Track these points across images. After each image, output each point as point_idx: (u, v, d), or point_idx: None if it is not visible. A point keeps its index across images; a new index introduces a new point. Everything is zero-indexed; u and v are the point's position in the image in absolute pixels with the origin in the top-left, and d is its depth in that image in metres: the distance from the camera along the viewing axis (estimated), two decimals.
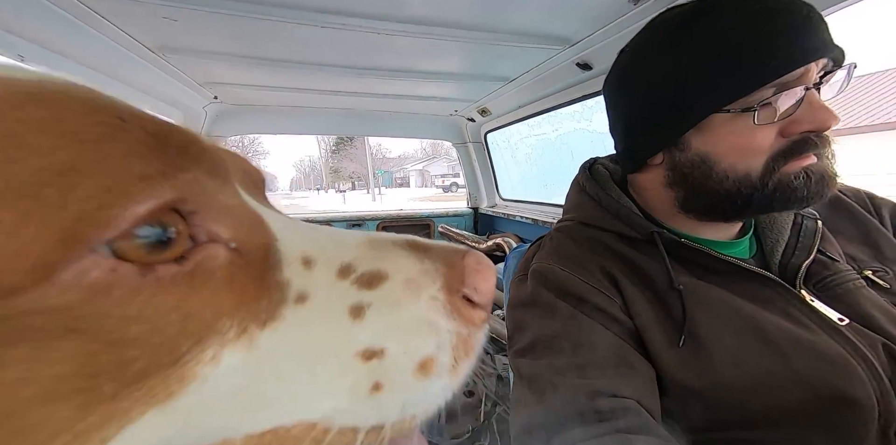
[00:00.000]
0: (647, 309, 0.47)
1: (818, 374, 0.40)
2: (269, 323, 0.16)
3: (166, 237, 0.14)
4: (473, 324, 0.20)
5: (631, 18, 0.90)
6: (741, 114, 0.42)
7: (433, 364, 0.18)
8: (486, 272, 0.21)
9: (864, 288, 0.46)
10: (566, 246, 0.55)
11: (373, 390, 0.17)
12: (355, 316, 0.18)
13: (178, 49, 1.12)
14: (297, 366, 0.16)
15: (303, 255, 0.19)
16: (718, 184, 0.46)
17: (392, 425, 0.18)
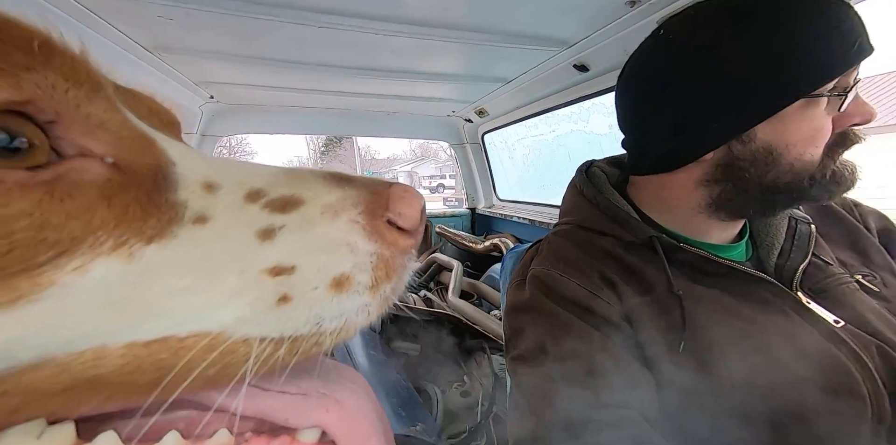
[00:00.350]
0: (645, 314, 0.47)
1: (814, 376, 0.41)
2: (158, 240, 0.17)
3: (14, 145, 0.14)
4: (397, 247, 0.20)
5: (628, 21, 0.91)
6: (815, 101, 0.42)
7: (350, 281, 0.19)
8: (411, 198, 0.21)
9: (857, 292, 0.47)
10: (564, 250, 0.54)
11: (280, 302, 0.17)
12: (264, 238, 0.18)
13: (173, 48, 1.11)
14: (192, 280, 0.17)
15: (205, 180, 0.19)
16: (779, 176, 0.45)
17: (304, 338, 0.18)
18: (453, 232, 2.20)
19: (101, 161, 0.16)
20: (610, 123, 1.50)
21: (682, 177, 0.50)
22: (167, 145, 0.19)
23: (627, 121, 0.55)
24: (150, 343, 0.16)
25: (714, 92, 0.45)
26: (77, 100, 0.15)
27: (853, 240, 0.53)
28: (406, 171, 24.44)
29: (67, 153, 0.16)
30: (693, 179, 0.49)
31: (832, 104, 0.43)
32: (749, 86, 0.43)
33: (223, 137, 1.90)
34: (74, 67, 0.16)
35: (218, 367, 0.17)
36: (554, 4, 0.88)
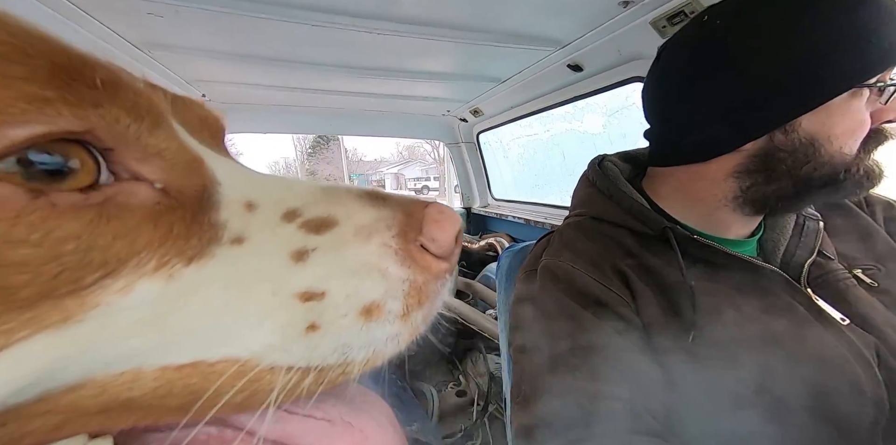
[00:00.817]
0: (656, 306, 0.46)
1: (819, 372, 0.41)
2: (197, 260, 0.17)
3: (66, 167, 0.15)
4: (430, 273, 0.20)
5: (621, 21, 0.91)
6: (859, 92, 0.41)
7: (380, 309, 0.18)
8: (446, 222, 0.20)
9: (856, 287, 0.47)
10: (577, 242, 0.53)
11: (308, 330, 0.17)
12: (297, 259, 0.18)
13: (164, 45, 1.10)
14: (225, 301, 0.17)
15: (245, 199, 0.19)
16: (817, 168, 0.44)
17: (331, 368, 0.18)
18: None
19: (152, 185, 0.17)
20: (603, 123, 1.51)
21: (713, 168, 0.49)
22: (215, 164, 0.20)
23: (658, 109, 0.54)
24: (182, 367, 0.16)
25: (764, 78, 0.43)
26: (138, 133, 0.16)
27: (859, 230, 0.53)
28: (392, 173, 24.57)
29: (122, 176, 0.16)
30: (725, 170, 0.48)
31: (872, 98, 0.42)
32: (801, 74, 0.41)
33: None
34: (137, 103, 0.17)
35: (245, 394, 0.17)
36: (548, 4, 0.88)
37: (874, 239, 0.52)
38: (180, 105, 0.23)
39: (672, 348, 0.44)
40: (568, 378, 0.42)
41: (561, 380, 0.42)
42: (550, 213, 1.79)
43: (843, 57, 0.40)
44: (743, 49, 0.44)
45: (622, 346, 0.44)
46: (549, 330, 0.46)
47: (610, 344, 0.44)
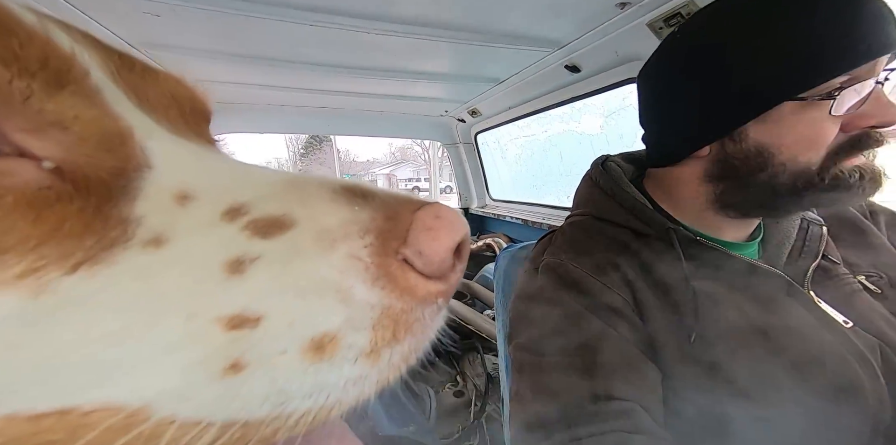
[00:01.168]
0: (657, 307, 0.47)
1: (820, 374, 0.41)
2: (88, 267, 0.12)
3: None
4: (415, 297, 0.15)
5: (618, 22, 0.92)
6: (815, 103, 0.41)
7: (335, 344, 0.14)
8: (441, 231, 0.15)
9: (861, 292, 0.47)
10: (579, 241, 0.54)
11: (228, 370, 0.13)
12: (232, 271, 0.13)
13: (160, 45, 1.09)
14: (118, 325, 0.12)
15: (179, 189, 0.15)
16: (772, 178, 0.45)
17: (261, 422, 0.13)
18: None
19: (37, 164, 0.13)
20: (601, 124, 1.52)
21: (687, 171, 0.52)
22: (154, 143, 0.15)
23: (642, 114, 0.57)
24: (41, 416, 0.12)
25: (705, 91, 0.46)
26: (26, 93, 0.12)
27: (862, 239, 0.53)
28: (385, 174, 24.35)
29: (2, 151, 0.12)
30: (697, 174, 0.51)
31: (837, 105, 0.41)
32: (736, 87, 0.44)
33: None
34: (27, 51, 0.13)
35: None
36: (545, 5, 0.88)
37: (877, 248, 0.52)
38: (145, 75, 0.19)
39: (672, 347, 0.45)
40: (567, 377, 0.42)
41: (561, 379, 0.42)
42: (548, 214, 1.80)
43: (776, 71, 0.42)
44: (693, 63, 0.47)
45: (622, 345, 0.44)
46: (549, 327, 0.47)
47: (610, 343, 0.44)
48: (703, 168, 0.50)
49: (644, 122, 0.57)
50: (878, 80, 0.41)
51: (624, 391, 0.41)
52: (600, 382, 0.41)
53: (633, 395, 0.41)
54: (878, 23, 0.40)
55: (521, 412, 0.44)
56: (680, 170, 0.53)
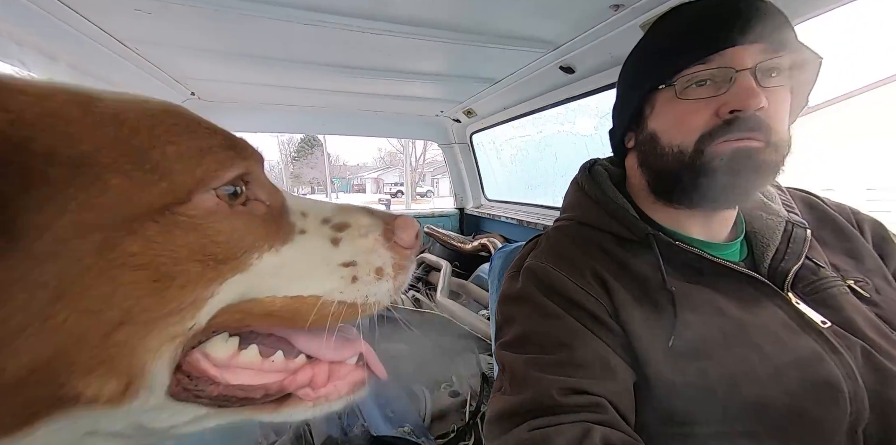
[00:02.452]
0: (636, 311, 0.48)
1: (795, 373, 0.42)
2: (287, 243, 0.31)
3: (237, 192, 0.29)
4: (403, 256, 0.35)
5: (612, 24, 0.93)
6: (672, 93, 0.49)
7: (383, 272, 0.33)
8: (408, 228, 0.36)
9: (847, 295, 0.48)
10: (561, 245, 0.56)
11: (352, 280, 0.32)
12: (335, 244, 0.33)
13: (152, 42, 1.08)
14: (306, 265, 0.31)
15: (301, 210, 0.34)
16: (662, 160, 0.51)
17: (360, 305, 0.32)
18: (442, 233, 2.20)
19: (264, 203, 0.31)
20: (595, 125, 1.53)
21: (631, 163, 0.60)
22: (282, 190, 0.34)
23: None
24: (294, 298, 0.30)
25: (619, 87, 0.59)
26: (258, 174, 0.31)
27: (848, 246, 0.55)
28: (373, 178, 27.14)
29: (251, 198, 0.30)
30: (633, 164, 0.59)
31: (696, 92, 0.48)
32: (627, 85, 0.56)
33: None
34: (256, 157, 0.31)
35: (321, 315, 0.30)
36: (540, 6, 0.89)
37: (863, 254, 0.54)
38: None
39: (651, 350, 0.46)
40: (541, 372, 0.44)
41: (535, 373, 0.44)
42: (543, 214, 1.81)
43: (648, 64, 0.53)
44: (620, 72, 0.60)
45: (596, 345, 0.46)
46: (529, 327, 0.49)
47: (584, 342, 0.46)
48: (634, 157, 0.58)
49: None
50: (737, 69, 0.45)
51: (594, 386, 0.42)
52: (573, 377, 0.43)
53: (602, 391, 0.42)
54: (725, 19, 0.46)
55: (495, 403, 0.46)
56: (627, 162, 0.61)
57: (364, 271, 0.32)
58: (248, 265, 0.28)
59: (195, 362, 0.28)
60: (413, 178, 18.39)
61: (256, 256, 0.28)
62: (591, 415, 0.40)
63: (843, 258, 0.53)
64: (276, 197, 0.32)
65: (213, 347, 0.29)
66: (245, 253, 0.27)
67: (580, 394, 0.42)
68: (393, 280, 0.33)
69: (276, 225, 0.30)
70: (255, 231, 0.28)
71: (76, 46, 0.99)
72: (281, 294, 0.29)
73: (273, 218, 0.30)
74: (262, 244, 0.29)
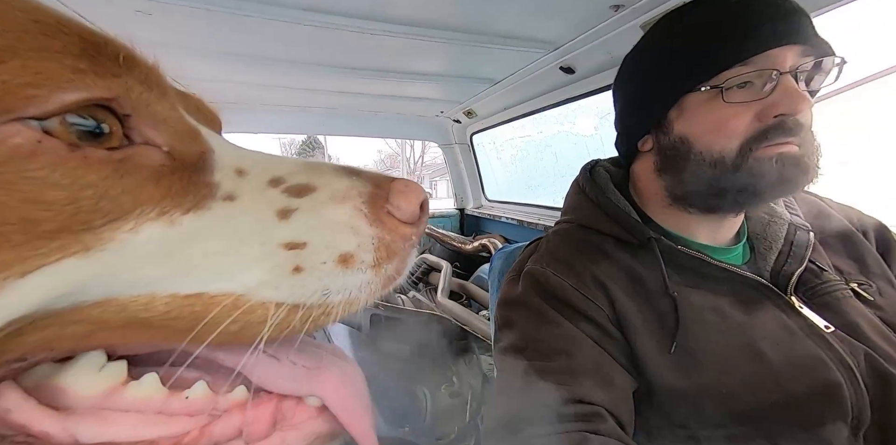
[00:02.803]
0: (637, 316, 0.47)
1: (797, 377, 0.42)
2: (194, 211, 0.20)
3: (98, 130, 0.18)
4: (397, 234, 0.23)
5: (611, 25, 0.92)
6: (715, 93, 0.45)
7: (354, 259, 0.22)
8: (410, 194, 0.23)
9: (850, 299, 0.48)
10: (562, 249, 0.55)
11: (294, 271, 0.20)
12: (282, 217, 0.21)
13: (152, 44, 1.08)
14: (221, 245, 0.20)
15: (237, 166, 0.23)
16: (697, 166, 0.47)
17: (314, 306, 0.21)
18: (442, 233, 2.20)
19: (160, 149, 0.20)
20: (595, 125, 1.53)
21: (642, 167, 0.57)
22: (209, 137, 0.23)
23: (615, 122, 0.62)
24: (188, 296, 0.19)
25: (634, 88, 0.54)
26: (148, 101, 0.20)
27: (852, 249, 0.54)
28: None
29: (136, 141, 0.20)
30: (648, 168, 0.55)
31: (739, 95, 0.44)
32: (650, 85, 0.51)
33: None
34: (149, 75, 0.20)
35: (240, 325, 0.19)
36: (540, 7, 0.89)
37: (866, 257, 0.53)
38: (181, 97, 0.26)
39: (652, 355, 0.45)
40: (540, 379, 0.43)
41: (533, 380, 0.43)
42: (543, 214, 1.80)
43: (680, 64, 0.48)
44: (625, 67, 0.56)
45: (595, 352, 0.45)
46: (528, 332, 0.48)
47: (583, 349, 0.45)
48: (652, 161, 0.54)
49: (615, 124, 0.62)
50: (782, 72, 0.43)
51: (592, 395, 0.42)
52: (571, 385, 0.42)
53: (600, 400, 0.42)
54: (773, 18, 0.43)
55: (493, 410, 0.45)
56: (639, 165, 0.58)
57: (317, 257, 0.20)
58: (108, 242, 0.17)
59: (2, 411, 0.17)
60: None
61: (128, 229, 0.18)
62: (588, 425, 0.39)
63: (847, 261, 0.53)
64: (187, 142, 0.21)
65: (75, 378, 0.19)
66: (107, 224, 0.17)
67: (578, 403, 0.41)
68: (375, 269, 0.22)
69: (180, 185, 0.20)
70: (131, 191, 0.18)
71: None
72: (165, 290, 0.19)
73: (177, 173, 0.20)
74: (145, 210, 0.18)
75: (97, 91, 0.17)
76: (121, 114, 0.19)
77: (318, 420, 0.22)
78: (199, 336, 0.19)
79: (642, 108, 0.53)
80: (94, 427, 0.18)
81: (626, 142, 0.57)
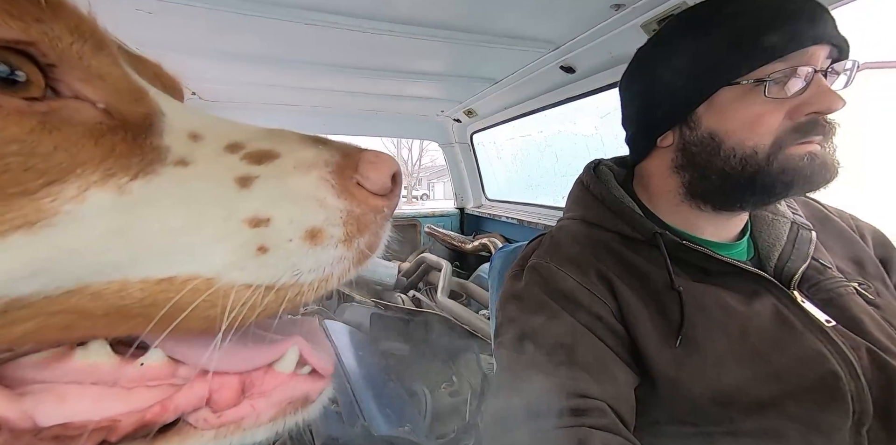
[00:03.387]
0: (642, 311, 0.47)
1: (798, 370, 0.42)
2: (143, 176, 0.18)
3: (12, 76, 0.16)
4: (368, 206, 0.22)
5: (612, 24, 0.92)
6: (752, 87, 0.44)
7: (322, 234, 0.20)
8: (380, 164, 0.22)
9: (853, 295, 0.48)
10: (566, 245, 0.55)
11: (259, 251, 0.19)
12: (242, 185, 0.20)
13: (154, 42, 1.08)
14: (180, 220, 0.18)
15: (190, 130, 0.21)
16: (725, 163, 0.46)
17: (286, 287, 0.20)
18: (442, 232, 2.20)
19: (94, 105, 0.18)
20: (596, 124, 1.53)
21: (656, 164, 0.55)
22: (161, 100, 0.21)
23: (622, 116, 0.60)
24: (161, 280, 0.18)
25: (658, 82, 0.51)
26: (80, 53, 0.18)
27: (850, 250, 0.54)
28: None
29: (64, 94, 0.18)
30: (664, 165, 0.53)
31: (775, 91, 0.43)
32: (684, 76, 0.48)
33: None
34: (80, 25, 0.18)
35: (217, 308, 0.18)
36: (541, 6, 0.89)
37: (864, 259, 0.54)
38: (136, 60, 0.25)
39: (657, 350, 0.45)
40: (541, 374, 0.43)
41: (535, 375, 0.43)
42: (543, 214, 1.80)
43: (715, 57, 0.46)
44: (648, 58, 0.53)
45: (597, 347, 0.45)
46: (530, 327, 0.48)
47: (586, 344, 0.45)
48: (669, 158, 0.52)
49: (622, 122, 0.60)
50: (817, 70, 0.43)
51: (595, 390, 0.42)
52: (573, 380, 0.42)
53: (603, 395, 0.42)
54: (810, 16, 0.43)
55: (493, 404, 0.45)
56: (651, 163, 0.56)
57: (282, 234, 0.19)
58: (46, 216, 0.16)
59: None
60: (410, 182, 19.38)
61: (70, 196, 0.16)
62: (590, 420, 0.39)
63: (847, 262, 0.53)
64: (130, 101, 0.19)
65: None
66: (44, 187, 0.16)
67: (580, 398, 0.41)
68: (346, 244, 0.20)
69: (124, 147, 0.18)
70: (65, 148, 0.16)
71: None
72: (136, 274, 0.18)
73: (119, 134, 0.18)
74: (87, 170, 0.17)
75: (10, 32, 0.15)
76: (43, 63, 0.17)
77: (288, 386, 0.21)
78: (180, 324, 0.18)
79: (671, 102, 0.50)
80: (52, 407, 0.17)
81: (646, 137, 0.54)
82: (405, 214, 2.40)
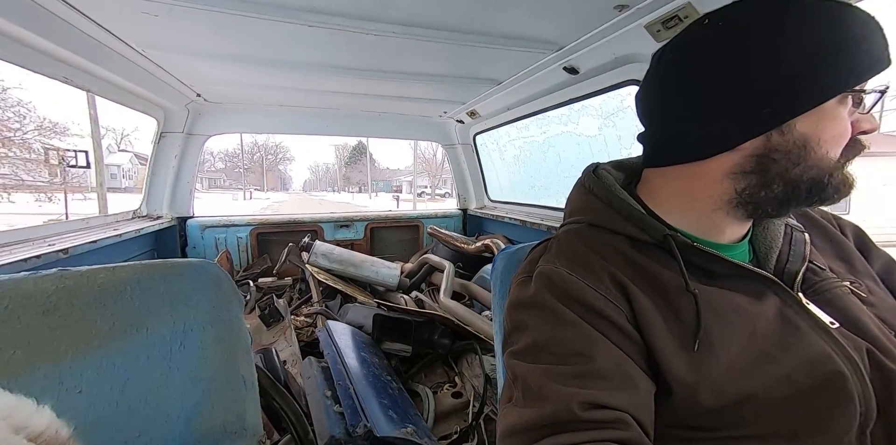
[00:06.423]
0: (656, 315, 0.46)
1: (807, 372, 0.42)
2: None
3: None
4: None
5: (616, 25, 0.92)
6: (846, 99, 0.43)
7: None
8: None
9: (849, 295, 0.48)
10: (575, 248, 0.53)
11: None
12: None
13: (159, 45, 1.09)
14: None
15: None
16: (805, 171, 0.44)
17: None
18: (445, 233, 2.20)
19: None
20: (599, 125, 1.52)
21: (712, 167, 0.49)
22: None
23: (661, 106, 0.53)
24: None
25: (765, 78, 0.44)
26: None
27: (838, 249, 0.55)
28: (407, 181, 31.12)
29: None
30: (723, 169, 0.48)
31: (850, 107, 0.44)
32: (799, 75, 0.43)
33: (212, 136, 1.87)
34: None
35: None
36: (544, 7, 0.89)
37: (852, 257, 0.54)
38: None
39: (673, 355, 0.44)
40: (559, 384, 0.42)
41: (552, 385, 0.42)
42: (546, 215, 1.80)
43: (837, 60, 0.41)
44: (748, 50, 0.45)
45: (616, 354, 0.44)
46: (544, 335, 0.46)
47: (604, 352, 0.44)
48: (733, 162, 0.47)
49: (654, 116, 0.54)
50: (886, 89, 0.44)
51: (615, 400, 0.40)
52: (592, 390, 0.41)
53: (624, 405, 0.41)
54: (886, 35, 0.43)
55: (508, 416, 0.43)
56: (701, 166, 0.50)
57: None
58: None
59: None
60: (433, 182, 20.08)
61: None
62: (613, 433, 0.38)
63: (836, 261, 0.53)
64: None
65: None
66: None
67: (601, 409, 0.40)
68: None
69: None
70: None
71: (84, 49, 1.01)
72: None
73: None
74: None
75: None
76: None
77: None
78: None
79: (774, 101, 0.44)
80: None
81: (728, 139, 0.47)
82: (408, 215, 2.40)
